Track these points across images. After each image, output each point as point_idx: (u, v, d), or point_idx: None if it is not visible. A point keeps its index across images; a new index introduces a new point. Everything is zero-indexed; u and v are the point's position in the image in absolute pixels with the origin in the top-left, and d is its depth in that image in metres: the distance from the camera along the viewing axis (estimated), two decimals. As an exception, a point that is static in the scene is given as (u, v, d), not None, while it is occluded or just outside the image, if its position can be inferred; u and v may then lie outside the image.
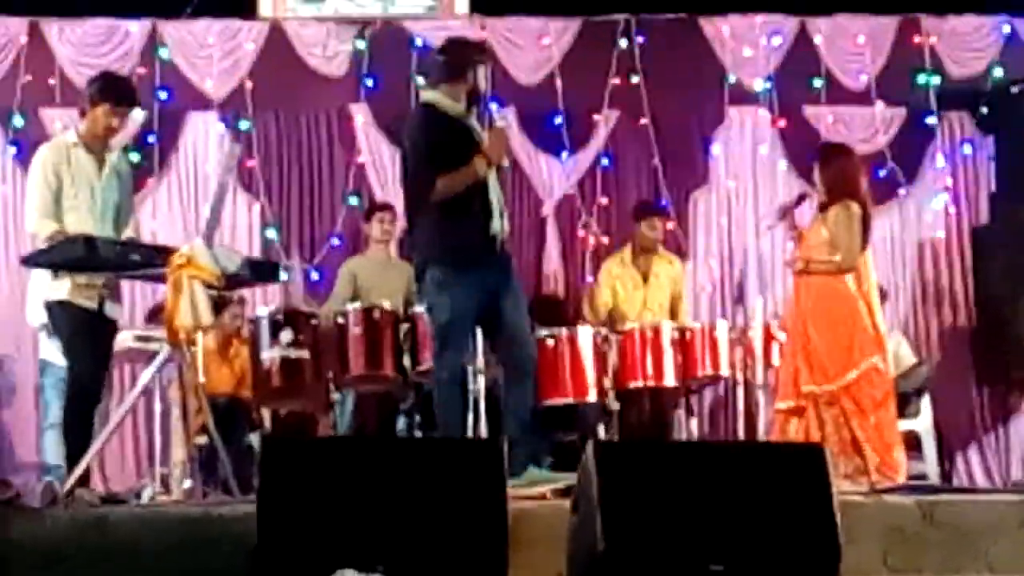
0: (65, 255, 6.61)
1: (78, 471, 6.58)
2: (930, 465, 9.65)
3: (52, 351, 7.40)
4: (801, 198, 8.56)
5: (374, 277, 9.26)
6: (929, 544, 6.21)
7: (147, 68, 9.89)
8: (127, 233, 7.17)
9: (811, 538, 5.08)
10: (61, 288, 6.79)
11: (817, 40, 10.49)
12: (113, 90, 7.13)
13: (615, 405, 8.56)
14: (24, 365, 9.67)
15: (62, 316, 6.87)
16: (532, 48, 10.34)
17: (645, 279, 9.42)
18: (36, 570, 5.62)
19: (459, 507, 5.03)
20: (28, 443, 9.40)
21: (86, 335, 6.86)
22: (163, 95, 9.96)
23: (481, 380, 7.95)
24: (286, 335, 8.11)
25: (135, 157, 9.65)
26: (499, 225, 6.97)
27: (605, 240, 10.32)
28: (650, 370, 8.66)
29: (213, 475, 7.72)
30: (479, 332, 7.44)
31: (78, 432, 6.81)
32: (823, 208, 8.00)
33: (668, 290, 9.48)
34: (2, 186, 10.11)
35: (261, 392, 8.34)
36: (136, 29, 9.98)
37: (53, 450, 7.51)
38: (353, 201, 10.21)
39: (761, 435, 8.69)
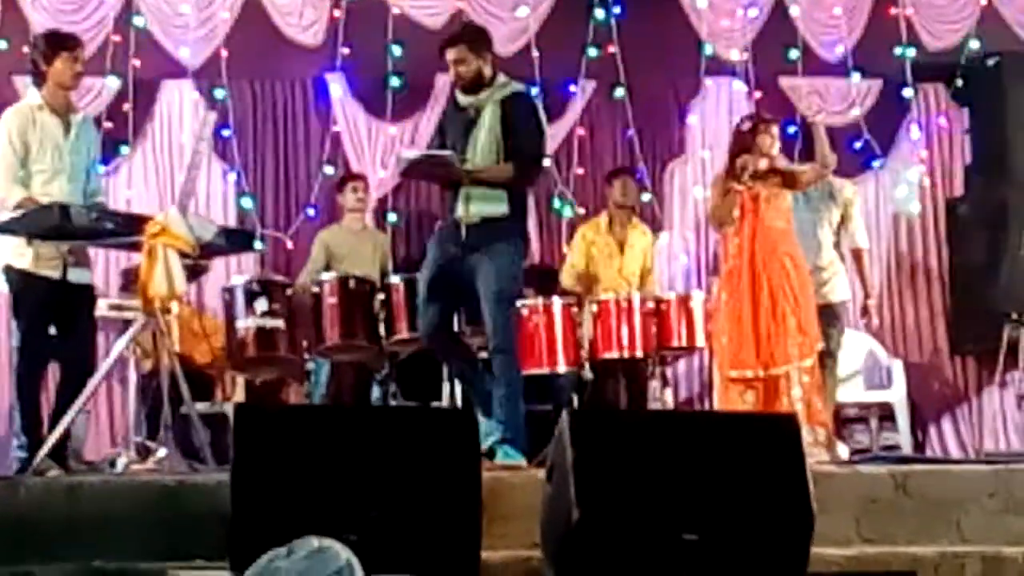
0: (39, 223, 6.59)
1: (50, 442, 6.57)
2: (903, 435, 9.70)
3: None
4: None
5: (347, 247, 9.25)
6: (902, 514, 6.26)
7: (122, 36, 9.83)
8: (98, 198, 7.15)
9: (784, 508, 5.10)
10: (25, 256, 6.77)
11: (794, 11, 10.51)
12: (61, 38, 7.14)
13: (589, 375, 8.57)
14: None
15: (20, 285, 6.85)
16: (509, 18, 10.33)
17: (621, 248, 9.40)
18: (8, 540, 5.61)
19: (433, 476, 5.04)
20: (1, 411, 9.35)
21: (44, 307, 6.84)
22: (137, 63, 9.90)
23: (457, 350, 7.95)
24: (261, 304, 8.10)
25: (108, 125, 9.62)
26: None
27: (581, 211, 10.30)
28: (624, 340, 8.66)
29: (187, 443, 7.72)
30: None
31: (32, 402, 6.83)
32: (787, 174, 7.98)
33: (640, 261, 9.47)
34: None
35: (236, 361, 8.33)
36: (111, -4, 9.93)
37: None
38: (329, 171, 10.17)
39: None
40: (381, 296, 8.26)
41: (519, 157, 7.09)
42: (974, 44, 10.59)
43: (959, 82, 10.76)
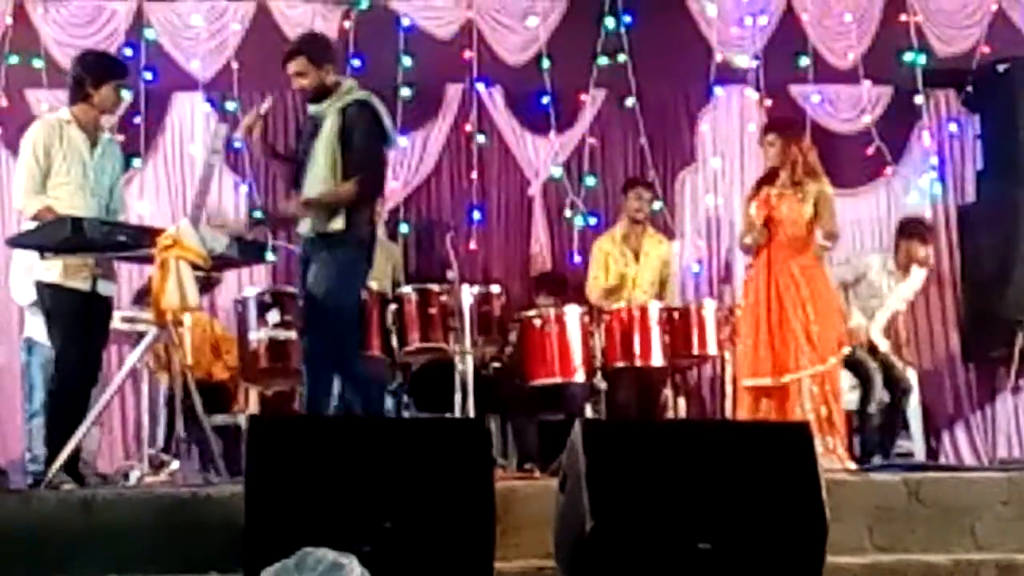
0: (52, 236, 6.60)
1: (63, 456, 6.56)
2: (916, 443, 9.68)
3: (38, 329, 7.40)
4: None
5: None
6: (915, 521, 6.25)
7: (133, 49, 9.86)
8: (119, 217, 7.16)
9: (797, 516, 5.10)
10: (53, 270, 6.77)
11: (804, 18, 10.50)
12: (115, 66, 7.20)
13: (603, 385, 8.57)
14: (8, 345, 9.64)
15: (54, 299, 6.84)
16: (519, 28, 10.35)
17: (636, 257, 9.41)
18: (22, 552, 5.62)
19: (446, 487, 5.04)
20: (14, 425, 9.37)
21: (78, 319, 6.83)
22: (149, 76, 9.93)
23: (469, 360, 7.95)
24: (273, 316, 8.11)
25: (120, 138, 9.64)
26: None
27: (592, 220, 10.31)
28: (637, 350, 8.64)
29: (200, 455, 7.74)
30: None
31: (66, 417, 6.77)
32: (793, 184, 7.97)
33: (658, 270, 9.46)
34: (-13, 167, 10.07)
35: (249, 373, 8.34)
36: (122, 9, 9.95)
37: (39, 438, 7.49)
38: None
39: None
40: (394, 307, 8.25)
41: (359, 174, 7.08)
42: (985, 50, 10.58)
43: (970, 88, 10.75)
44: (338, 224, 7.03)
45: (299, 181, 7.21)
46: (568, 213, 10.40)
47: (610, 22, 10.28)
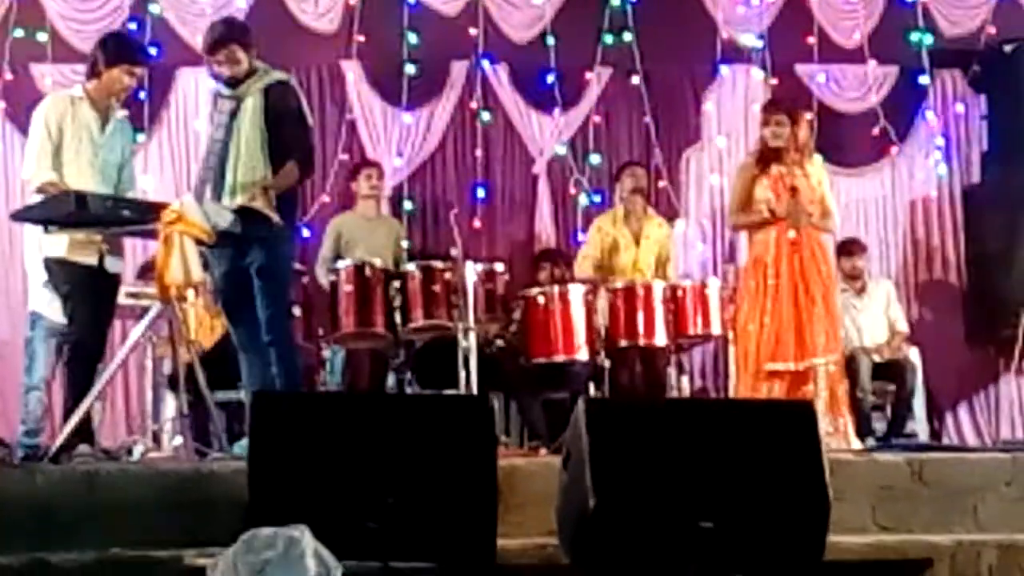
0: (55, 211, 6.59)
1: (67, 428, 6.57)
2: (920, 423, 9.68)
3: (43, 303, 7.38)
4: None
5: (360, 234, 9.24)
6: (918, 501, 6.26)
7: (138, 23, 9.83)
8: (129, 195, 7.14)
9: (800, 495, 5.10)
10: (59, 245, 6.77)
11: (810, -2, 10.50)
12: (129, 50, 7.16)
13: (606, 363, 8.56)
14: (12, 319, 9.64)
15: (61, 274, 6.84)
16: (524, 5, 10.33)
17: (637, 241, 9.39)
18: (25, 526, 5.63)
19: (449, 463, 5.05)
20: (18, 399, 9.37)
21: (86, 292, 6.83)
22: (153, 51, 9.88)
23: (472, 338, 7.95)
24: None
25: (125, 113, 9.63)
26: None
27: (596, 198, 10.30)
28: (641, 328, 8.63)
29: (203, 431, 7.73)
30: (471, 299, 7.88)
31: (85, 391, 6.78)
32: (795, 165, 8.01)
33: (656, 252, 9.45)
34: (-8, 141, 10.05)
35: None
36: (128, -17, 9.93)
37: (36, 411, 7.48)
38: (344, 158, 10.17)
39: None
40: (397, 283, 8.25)
41: (295, 155, 7.10)
42: (991, 30, 10.55)
43: (976, 69, 10.72)
44: (272, 202, 7.06)
45: (223, 162, 7.10)
46: (572, 191, 10.39)
47: (615, 0, 10.25)
